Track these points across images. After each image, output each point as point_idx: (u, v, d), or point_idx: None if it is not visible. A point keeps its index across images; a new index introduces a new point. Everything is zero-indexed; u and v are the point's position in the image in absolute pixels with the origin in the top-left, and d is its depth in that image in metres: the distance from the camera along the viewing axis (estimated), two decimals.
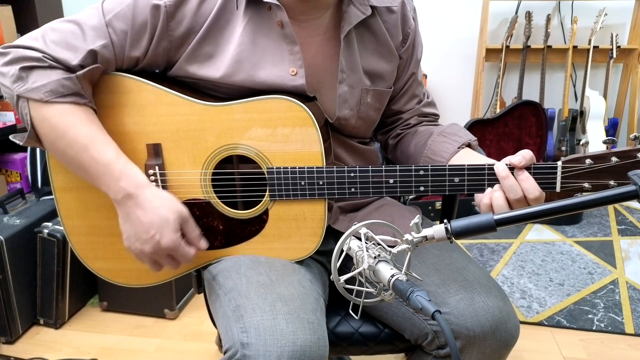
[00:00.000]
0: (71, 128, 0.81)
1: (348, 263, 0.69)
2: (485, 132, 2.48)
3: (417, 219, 0.64)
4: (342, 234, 0.67)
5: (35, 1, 2.49)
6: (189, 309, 1.87)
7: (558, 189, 0.79)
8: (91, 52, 0.82)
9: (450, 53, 2.88)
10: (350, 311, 0.76)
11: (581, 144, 0.80)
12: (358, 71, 0.94)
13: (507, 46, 2.69)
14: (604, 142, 0.77)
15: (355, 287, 0.67)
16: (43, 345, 1.68)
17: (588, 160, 0.77)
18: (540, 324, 1.75)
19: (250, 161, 0.88)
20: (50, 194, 1.44)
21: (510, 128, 2.48)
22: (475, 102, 2.81)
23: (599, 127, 2.54)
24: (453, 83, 2.92)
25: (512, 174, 0.78)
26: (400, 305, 0.90)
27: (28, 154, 2.14)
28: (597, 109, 2.54)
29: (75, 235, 0.94)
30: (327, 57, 0.93)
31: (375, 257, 0.64)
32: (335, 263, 0.65)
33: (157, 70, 0.93)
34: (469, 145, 0.94)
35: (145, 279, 0.96)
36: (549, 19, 2.67)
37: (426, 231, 0.65)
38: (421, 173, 0.83)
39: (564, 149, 2.66)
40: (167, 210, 0.81)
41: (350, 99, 0.94)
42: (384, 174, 0.85)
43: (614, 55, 2.60)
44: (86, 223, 0.93)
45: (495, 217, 0.63)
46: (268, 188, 0.88)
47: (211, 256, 0.93)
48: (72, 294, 1.80)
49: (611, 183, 0.77)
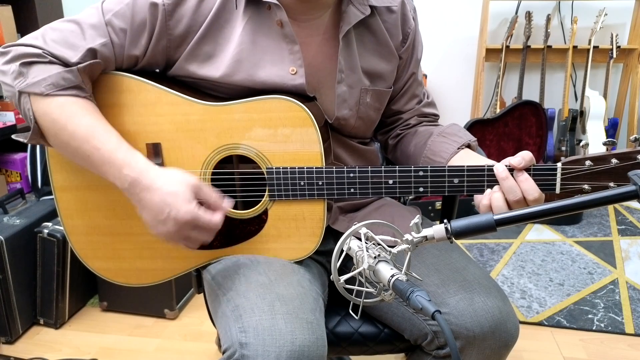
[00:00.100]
0: (72, 119, 0.81)
1: (348, 263, 0.69)
2: (485, 132, 2.48)
3: (417, 219, 0.64)
4: (342, 234, 0.67)
5: (35, 1, 2.49)
6: (189, 309, 1.87)
7: (558, 191, 0.79)
8: (90, 51, 0.82)
9: (450, 53, 2.88)
10: (350, 311, 0.76)
11: (581, 145, 0.80)
12: (357, 71, 0.94)
13: (507, 46, 2.69)
14: (604, 144, 0.77)
15: (355, 287, 0.67)
16: (43, 345, 1.68)
17: (588, 162, 0.77)
18: (540, 324, 1.75)
19: (249, 161, 0.88)
20: (50, 194, 1.44)
21: (510, 128, 2.48)
22: (475, 102, 2.81)
23: (599, 127, 2.54)
24: (453, 83, 2.92)
25: (512, 175, 0.78)
26: (400, 305, 0.90)
27: (28, 154, 2.13)
28: (597, 109, 2.54)
29: (75, 234, 0.94)
30: (327, 57, 0.93)
31: (375, 257, 0.64)
32: (335, 263, 0.65)
33: (157, 70, 0.93)
34: (469, 146, 0.94)
35: (145, 279, 0.96)
36: (549, 19, 2.67)
37: (426, 231, 0.65)
38: (420, 174, 0.83)
39: (564, 149, 2.66)
40: (174, 184, 0.78)
41: (350, 98, 0.94)
42: (383, 174, 0.85)
43: (614, 55, 2.60)
44: (86, 223, 0.93)
45: (495, 217, 0.63)
46: (267, 188, 0.88)
47: (211, 256, 0.93)
48: (72, 294, 1.80)
49: (611, 185, 0.77)
